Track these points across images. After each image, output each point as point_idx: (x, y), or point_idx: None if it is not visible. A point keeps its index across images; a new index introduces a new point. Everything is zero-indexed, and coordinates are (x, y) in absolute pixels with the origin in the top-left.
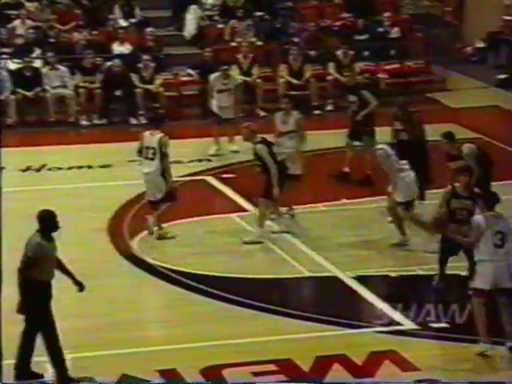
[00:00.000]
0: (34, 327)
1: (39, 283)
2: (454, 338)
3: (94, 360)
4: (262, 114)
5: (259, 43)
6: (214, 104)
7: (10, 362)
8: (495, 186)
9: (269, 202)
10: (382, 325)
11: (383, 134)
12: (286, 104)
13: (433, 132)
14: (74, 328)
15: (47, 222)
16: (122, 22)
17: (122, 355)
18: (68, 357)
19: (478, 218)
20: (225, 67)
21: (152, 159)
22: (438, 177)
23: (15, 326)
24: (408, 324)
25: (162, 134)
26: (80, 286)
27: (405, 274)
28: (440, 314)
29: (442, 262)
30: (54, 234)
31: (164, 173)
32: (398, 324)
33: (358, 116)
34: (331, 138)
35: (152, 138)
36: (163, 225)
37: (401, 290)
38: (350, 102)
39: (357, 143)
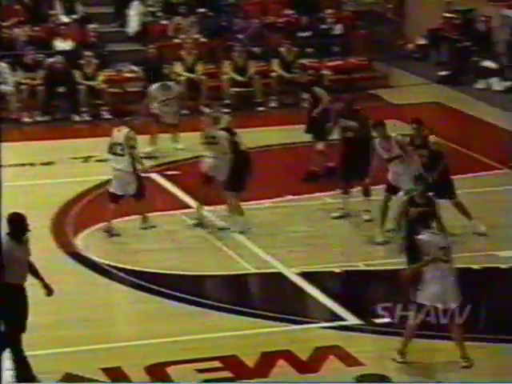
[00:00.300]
0: (13, 330)
1: (11, 286)
2: (397, 332)
3: (38, 358)
4: (207, 110)
5: (203, 40)
6: (157, 110)
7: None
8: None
9: (235, 193)
10: (327, 320)
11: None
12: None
13: None
14: None
15: (16, 224)
16: (64, 18)
17: (67, 353)
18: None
19: (423, 236)
20: (163, 82)
21: (121, 155)
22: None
23: None
24: (352, 319)
25: (128, 129)
26: (49, 290)
27: (349, 269)
28: (384, 308)
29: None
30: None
31: (135, 168)
32: (343, 319)
33: (314, 113)
34: (275, 135)
35: (119, 133)
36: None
37: (345, 286)
38: (304, 99)
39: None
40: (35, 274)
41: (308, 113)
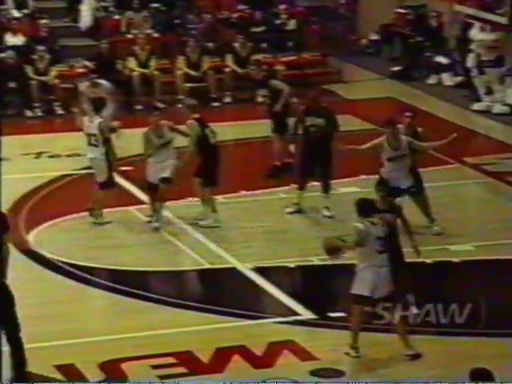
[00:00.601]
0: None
1: None
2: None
3: None
4: (160, 105)
5: (156, 35)
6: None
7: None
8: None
9: (209, 188)
10: (281, 315)
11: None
12: None
13: None
14: None
15: None
16: (15, 13)
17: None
18: None
19: (359, 224)
20: (92, 76)
21: (95, 145)
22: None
23: None
24: (306, 314)
25: (100, 119)
26: None
27: (302, 264)
28: (338, 303)
29: None
30: None
31: (108, 157)
32: (297, 314)
33: (276, 107)
34: (230, 130)
35: (91, 124)
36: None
37: (299, 280)
38: (260, 95)
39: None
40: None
41: (269, 110)
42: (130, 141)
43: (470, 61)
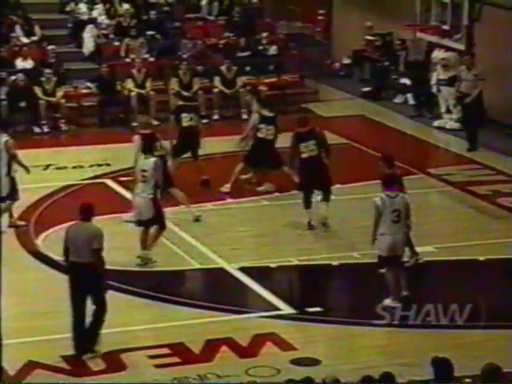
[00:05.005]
0: None
1: None
2: (326, 320)
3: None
4: (155, 122)
5: (151, 59)
6: None
7: None
8: (361, 186)
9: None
10: (264, 310)
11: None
12: None
13: None
14: None
15: None
16: (24, 40)
17: (28, 343)
18: None
19: (377, 200)
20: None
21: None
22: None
23: None
24: (286, 309)
25: (7, 138)
26: None
27: (283, 264)
28: (316, 299)
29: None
30: None
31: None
32: (278, 309)
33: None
34: (217, 145)
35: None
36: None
37: (280, 279)
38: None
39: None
40: None
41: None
42: (128, 153)
43: (433, 79)
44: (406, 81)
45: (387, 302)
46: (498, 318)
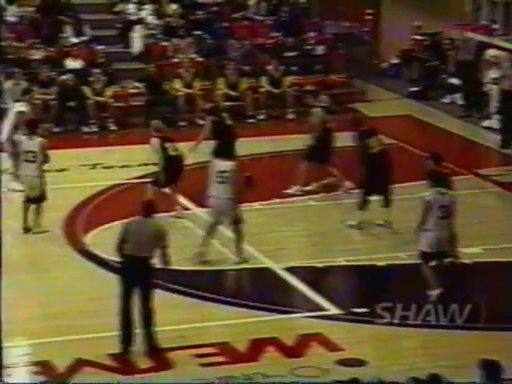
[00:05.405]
0: None
1: None
2: (372, 321)
3: (49, 345)
4: (202, 122)
5: (199, 59)
6: None
7: None
8: (408, 186)
9: (155, 189)
10: (310, 310)
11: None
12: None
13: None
14: (31, 316)
15: None
16: (74, 40)
17: (76, 341)
18: (25, 343)
19: (427, 195)
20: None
21: (33, 162)
22: None
23: None
24: (333, 309)
25: (41, 138)
26: None
27: (330, 264)
28: (362, 299)
29: None
30: None
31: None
32: (324, 309)
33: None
34: (263, 144)
35: (30, 142)
36: None
37: (327, 279)
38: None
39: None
40: None
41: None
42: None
43: (486, 78)
44: (454, 81)
45: (432, 293)
46: None
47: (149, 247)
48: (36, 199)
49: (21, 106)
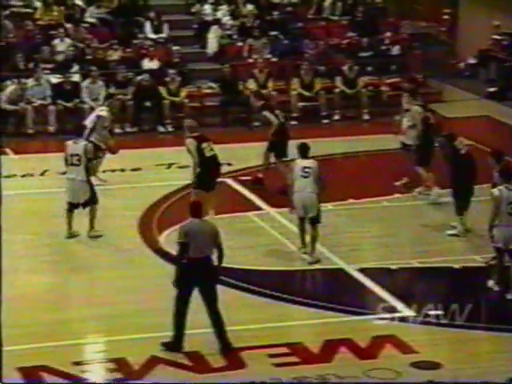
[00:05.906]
0: None
1: None
2: (446, 324)
3: (124, 343)
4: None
5: (274, 59)
6: None
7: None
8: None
9: (199, 192)
10: (384, 312)
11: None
12: None
13: None
14: (107, 314)
15: None
16: (152, 36)
17: (150, 339)
18: (101, 340)
19: (495, 190)
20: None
21: (77, 165)
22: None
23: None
24: (406, 311)
25: (85, 142)
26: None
27: (403, 266)
28: (437, 302)
29: None
30: None
31: (88, 178)
32: (398, 311)
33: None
34: (338, 145)
35: (76, 146)
36: None
37: (400, 281)
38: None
39: None
40: None
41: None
42: (249, 153)
43: None
44: None
45: (490, 283)
46: None
47: (209, 247)
48: (83, 204)
49: (102, 111)
